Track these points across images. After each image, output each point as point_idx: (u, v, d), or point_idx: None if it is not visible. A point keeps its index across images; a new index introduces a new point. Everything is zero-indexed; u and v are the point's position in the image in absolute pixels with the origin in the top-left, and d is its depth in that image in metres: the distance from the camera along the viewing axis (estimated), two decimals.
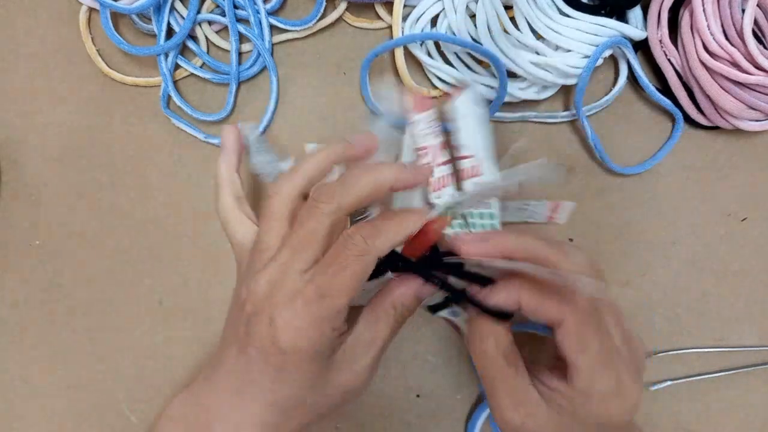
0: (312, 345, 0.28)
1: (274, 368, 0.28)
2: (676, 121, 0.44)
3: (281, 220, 0.30)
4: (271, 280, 0.29)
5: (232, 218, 0.34)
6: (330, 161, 0.32)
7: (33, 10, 0.46)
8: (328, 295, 0.27)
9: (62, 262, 0.45)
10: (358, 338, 0.30)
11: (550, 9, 0.41)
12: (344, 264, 0.27)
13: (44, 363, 0.45)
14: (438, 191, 0.36)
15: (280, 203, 0.31)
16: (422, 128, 0.36)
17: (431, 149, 0.36)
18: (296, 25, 0.44)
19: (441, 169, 0.36)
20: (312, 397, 0.29)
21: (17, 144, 0.46)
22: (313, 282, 0.28)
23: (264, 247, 0.30)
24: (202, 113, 0.44)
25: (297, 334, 0.27)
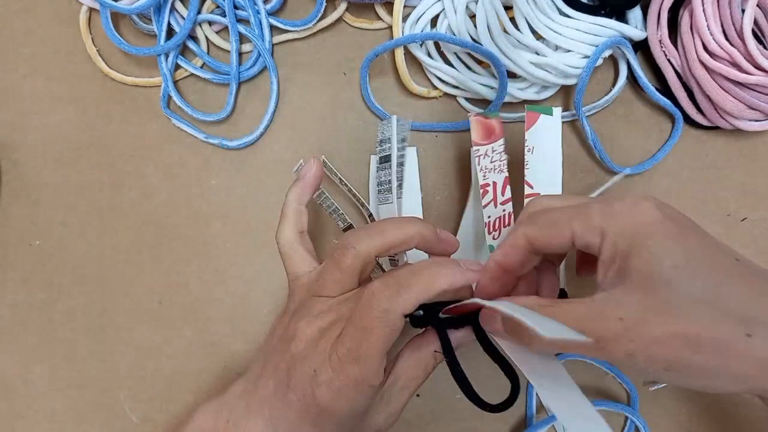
0: (351, 406, 0.28)
1: (312, 418, 0.28)
2: (675, 121, 0.44)
3: (350, 275, 0.30)
4: (323, 328, 0.29)
5: (292, 253, 0.34)
6: (415, 242, 0.31)
7: (33, 10, 0.46)
8: (361, 359, 0.27)
9: (62, 262, 0.45)
10: (396, 382, 0.30)
11: (550, 9, 0.41)
12: (369, 327, 0.27)
13: (44, 363, 0.45)
14: (494, 232, 0.34)
15: (355, 259, 0.30)
16: (486, 162, 0.34)
17: (493, 187, 0.34)
18: (296, 26, 0.44)
19: (501, 209, 0.34)
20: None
21: (17, 144, 0.46)
22: (344, 345, 0.27)
23: (325, 293, 0.30)
24: (202, 113, 0.44)
25: (338, 394, 0.27)
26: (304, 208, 0.35)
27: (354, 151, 0.45)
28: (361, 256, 0.30)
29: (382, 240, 0.30)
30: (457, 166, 0.45)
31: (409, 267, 0.29)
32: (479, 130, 0.35)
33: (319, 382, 0.27)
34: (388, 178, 0.37)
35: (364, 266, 0.30)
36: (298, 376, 0.28)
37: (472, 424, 0.44)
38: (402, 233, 0.30)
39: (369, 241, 0.30)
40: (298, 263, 0.33)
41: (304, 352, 0.29)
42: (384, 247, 0.30)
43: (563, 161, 0.36)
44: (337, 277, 0.30)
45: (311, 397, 0.28)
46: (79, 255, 0.45)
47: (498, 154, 0.35)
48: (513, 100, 0.43)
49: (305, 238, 0.35)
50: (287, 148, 0.45)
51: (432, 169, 0.45)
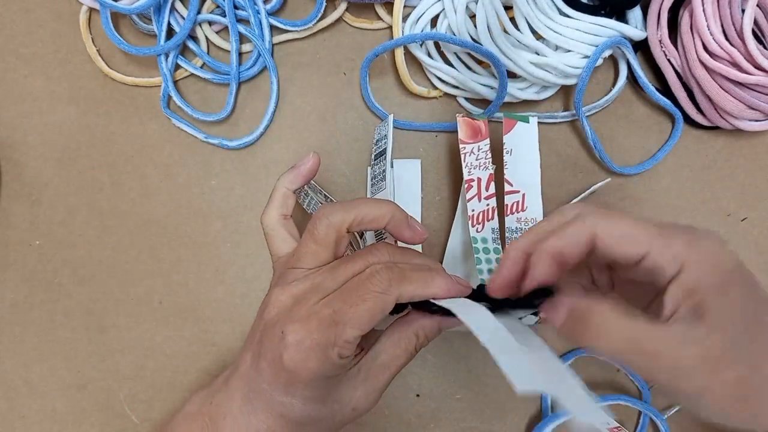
0: (317, 367, 0.28)
1: (283, 384, 0.28)
2: (675, 121, 0.44)
3: (322, 245, 0.31)
4: (297, 294, 0.29)
5: (275, 234, 0.34)
6: (387, 220, 0.31)
7: (33, 10, 0.46)
8: (341, 323, 0.27)
9: (62, 262, 0.45)
10: (376, 359, 0.30)
11: (550, 9, 0.41)
12: (365, 297, 0.28)
13: (44, 363, 0.45)
14: (478, 225, 0.36)
15: (327, 229, 0.31)
16: (471, 160, 0.36)
17: (477, 182, 0.36)
18: (296, 26, 0.44)
19: (485, 203, 0.36)
20: (321, 412, 0.30)
21: (17, 144, 0.46)
22: (330, 306, 0.28)
23: (300, 264, 0.31)
24: (202, 113, 0.44)
25: (304, 354, 0.27)
26: (292, 193, 0.36)
27: (354, 151, 0.45)
28: (334, 226, 0.31)
29: (356, 212, 0.31)
30: (457, 166, 0.45)
31: (413, 264, 0.30)
32: (466, 130, 0.37)
33: (287, 343, 0.28)
34: (382, 169, 0.38)
35: (338, 238, 0.31)
36: (268, 342, 0.29)
37: (472, 423, 0.44)
38: (375, 209, 0.31)
39: (342, 213, 0.31)
40: (279, 244, 0.34)
41: (275, 318, 0.29)
42: (356, 220, 0.31)
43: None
44: (312, 249, 0.31)
45: (279, 361, 0.28)
46: (79, 255, 0.45)
47: (483, 153, 0.36)
48: (513, 100, 0.43)
49: (289, 221, 0.35)
50: (287, 148, 0.45)
51: (432, 169, 0.45)
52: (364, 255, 0.30)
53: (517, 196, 0.36)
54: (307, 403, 0.29)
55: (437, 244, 0.44)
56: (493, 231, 0.36)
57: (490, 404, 0.44)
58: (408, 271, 0.29)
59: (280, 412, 0.29)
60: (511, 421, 0.44)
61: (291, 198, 0.36)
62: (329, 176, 0.45)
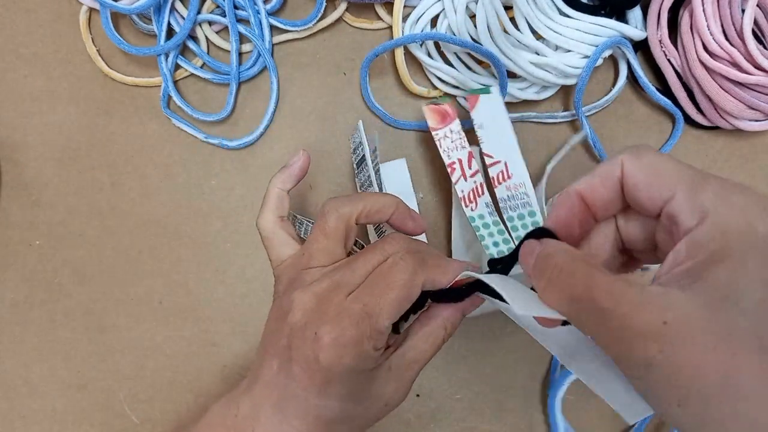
0: (354, 362, 0.28)
1: (318, 385, 0.28)
2: (676, 121, 0.44)
3: (333, 239, 0.31)
4: (320, 294, 0.29)
5: (273, 237, 0.34)
6: (391, 211, 0.32)
7: (33, 10, 0.46)
8: (373, 316, 0.27)
9: (62, 262, 0.45)
10: (405, 355, 0.30)
11: (550, 9, 0.41)
12: (392, 286, 0.28)
13: (44, 363, 0.45)
14: (471, 203, 0.36)
15: (336, 221, 0.31)
16: (447, 144, 0.36)
17: (459, 163, 0.36)
18: (296, 26, 0.44)
19: (472, 181, 0.36)
20: (355, 411, 0.29)
21: (17, 144, 0.46)
22: (360, 301, 0.28)
23: (313, 263, 0.31)
24: (202, 113, 0.44)
25: (341, 351, 0.27)
26: (286, 194, 0.35)
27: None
28: (343, 218, 0.31)
29: (363, 204, 0.31)
30: None
31: (429, 251, 0.30)
32: (433, 117, 0.37)
33: (322, 343, 0.27)
34: (367, 175, 0.38)
35: (348, 230, 0.31)
36: (298, 345, 0.28)
37: (472, 423, 0.44)
38: (381, 201, 0.32)
39: (350, 205, 0.31)
40: (279, 247, 0.33)
41: (302, 320, 0.28)
42: (364, 211, 0.31)
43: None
44: (323, 245, 0.31)
45: (314, 362, 0.27)
46: (79, 255, 0.45)
47: (456, 134, 0.36)
48: (513, 100, 0.43)
49: (286, 223, 0.35)
50: (287, 148, 0.45)
51: (431, 169, 0.45)
52: (380, 246, 0.30)
53: (500, 165, 0.36)
54: (343, 402, 0.29)
55: (439, 244, 0.44)
56: (487, 205, 0.36)
57: (490, 404, 0.44)
58: (428, 258, 0.29)
59: (315, 414, 0.29)
60: (511, 421, 0.44)
61: (285, 199, 0.35)
62: (329, 176, 0.45)
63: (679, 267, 0.21)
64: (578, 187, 0.25)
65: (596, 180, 0.24)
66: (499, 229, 0.36)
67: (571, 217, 0.25)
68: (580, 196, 0.25)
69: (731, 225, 0.20)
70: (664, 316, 0.19)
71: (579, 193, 0.25)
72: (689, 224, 0.21)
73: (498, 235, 0.36)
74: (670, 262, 0.21)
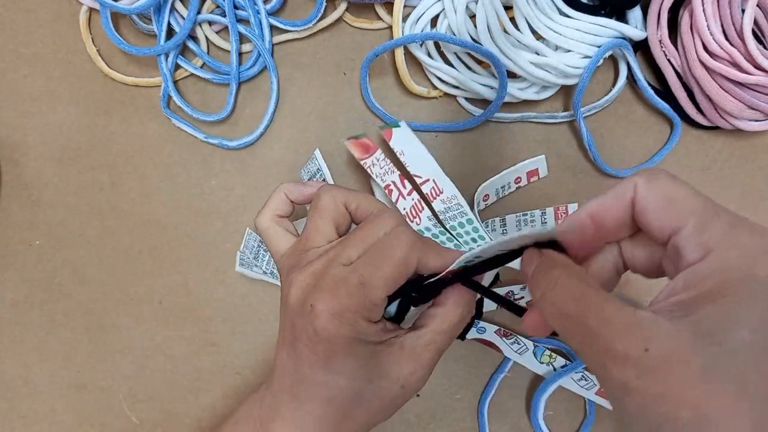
0: (352, 332, 0.28)
1: (323, 359, 0.28)
2: (674, 126, 0.44)
3: (327, 218, 0.31)
4: (317, 271, 0.29)
5: (271, 232, 0.34)
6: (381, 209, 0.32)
7: (33, 10, 0.46)
8: (369, 286, 0.27)
9: (62, 262, 0.45)
10: (421, 338, 0.30)
11: (550, 9, 0.41)
12: (391, 258, 0.28)
13: (44, 363, 0.45)
14: (415, 219, 0.39)
15: (329, 200, 0.31)
16: (377, 170, 0.39)
17: (394, 185, 0.39)
18: (296, 26, 0.44)
19: (411, 198, 0.39)
20: (369, 390, 0.29)
21: (17, 144, 0.46)
22: (357, 271, 0.28)
23: (309, 244, 0.31)
24: (202, 113, 0.44)
25: (338, 320, 0.27)
26: (290, 202, 0.35)
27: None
28: (336, 198, 0.31)
29: (355, 196, 0.32)
30: (456, 165, 0.45)
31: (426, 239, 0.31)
32: (357, 149, 0.40)
33: (317, 312, 0.27)
34: None
35: (339, 214, 0.32)
36: (300, 321, 0.28)
37: (472, 423, 0.44)
38: (373, 203, 0.32)
39: (344, 191, 0.32)
40: (277, 241, 0.34)
41: (301, 297, 0.29)
42: (356, 201, 0.32)
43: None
44: (317, 223, 0.31)
45: (315, 335, 0.28)
46: (79, 255, 0.45)
47: (383, 161, 0.39)
48: (513, 100, 0.43)
49: (285, 220, 0.35)
50: (287, 148, 0.45)
51: None
52: (378, 221, 0.30)
53: (430, 183, 0.39)
54: (351, 379, 0.28)
55: None
56: (429, 219, 0.38)
57: (490, 404, 0.44)
58: (428, 240, 0.30)
59: (326, 396, 0.29)
60: (511, 421, 0.44)
61: (288, 205, 0.35)
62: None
63: (674, 298, 0.21)
64: (590, 207, 0.24)
65: (608, 201, 0.24)
66: (448, 237, 0.38)
67: (581, 235, 0.25)
68: (592, 216, 0.24)
69: (732, 265, 0.20)
70: (647, 344, 0.19)
71: (591, 214, 0.24)
72: (692, 258, 0.21)
73: (448, 243, 0.38)
74: (667, 292, 0.21)
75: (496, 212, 0.45)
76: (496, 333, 0.43)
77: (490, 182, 0.42)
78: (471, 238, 0.38)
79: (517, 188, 0.44)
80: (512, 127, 0.45)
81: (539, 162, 0.44)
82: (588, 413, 0.44)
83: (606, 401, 0.42)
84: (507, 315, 0.44)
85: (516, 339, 0.43)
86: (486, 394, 0.44)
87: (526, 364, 0.43)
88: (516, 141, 0.45)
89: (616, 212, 0.24)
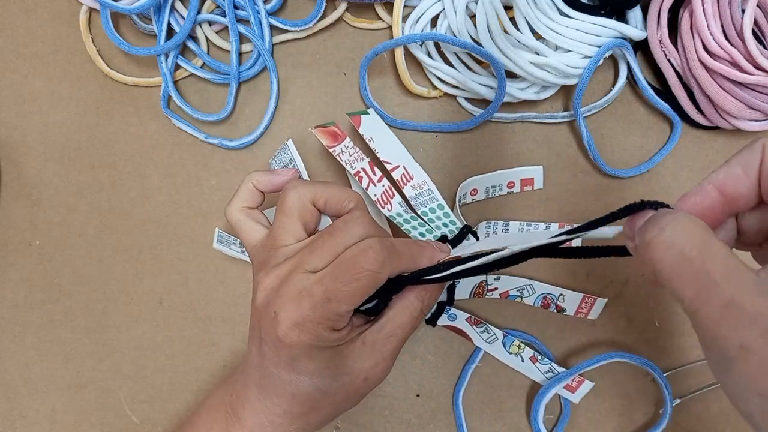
0: (314, 341, 0.28)
1: (286, 361, 0.29)
2: (674, 125, 0.44)
3: (294, 218, 0.32)
4: (281, 276, 0.30)
5: (242, 225, 0.34)
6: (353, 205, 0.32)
7: (33, 10, 0.46)
8: (335, 300, 0.28)
9: (62, 262, 0.45)
10: (382, 330, 0.31)
11: (550, 9, 0.41)
12: (358, 276, 0.28)
13: (44, 363, 0.45)
14: (386, 205, 0.38)
15: (295, 199, 0.32)
16: (347, 157, 0.39)
17: (364, 172, 0.39)
18: (296, 26, 0.44)
19: (381, 185, 0.39)
20: (332, 386, 0.30)
21: (17, 144, 0.46)
22: (323, 285, 0.28)
23: (276, 243, 0.32)
24: (202, 113, 0.44)
25: (300, 330, 0.28)
26: (259, 192, 0.36)
27: None
28: (301, 197, 0.32)
29: (322, 189, 0.32)
30: (456, 165, 0.45)
31: (399, 239, 0.31)
32: (325, 137, 0.39)
33: (280, 319, 0.28)
34: None
35: (305, 211, 0.32)
36: (265, 325, 0.29)
37: (472, 424, 0.44)
38: (344, 191, 0.32)
39: (309, 186, 0.32)
40: (249, 233, 0.34)
41: (266, 301, 0.30)
42: (324, 196, 0.32)
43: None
44: (284, 222, 0.32)
45: (278, 340, 0.28)
46: (79, 255, 0.45)
47: (351, 149, 0.39)
48: (513, 100, 0.43)
49: (255, 212, 0.35)
50: None
51: (432, 169, 0.45)
52: (345, 228, 0.30)
53: (401, 169, 0.39)
54: (314, 378, 0.29)
55: None
56: (401, 204, 0.38)
57: (490, 404, 0.44)
58: (399, 245, 0.30)
59: (291, 392, 0.30)
60: (511, 421, 0.44)
61: (258, 195, 0.35)
62: (329, 176, 0.45)
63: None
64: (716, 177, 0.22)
65: (737, 169, 0.22)
66: (419, 222, 0.38)
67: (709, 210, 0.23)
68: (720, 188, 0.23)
69: None
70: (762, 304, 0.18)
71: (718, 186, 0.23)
72: None
73: (420, 227, 0.38)
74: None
75: (488, 211, 0.45)
76: (467, 321, 0.43)
77: (481, 178, 0.42)
78: (442, 223, 0.38)
79: (508, 193, 0.44)
80: (512, 127, 0.45)
81: (536, 172, 0.44)
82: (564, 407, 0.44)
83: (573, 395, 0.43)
84: (478, 303, 0.44)
85: (486, 328, 0.43)
86: (459, 386, 0.44)
87: (495, 354, 0.43)
88: (516, 141, 0.45)
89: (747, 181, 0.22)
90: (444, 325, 0.43)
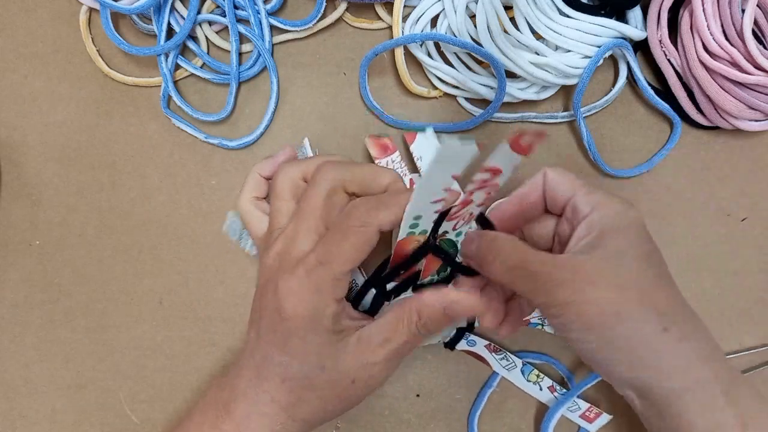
0: (311, 311, 0.29)
1: (281, 339, 0.29)
2: (674, 126, 0.44)
3: (286, 199, 0.33)
4: (279, 252, 0.31)
5: (251, 217, 0.36)
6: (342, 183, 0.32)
7: (33, 10, 0.46)
8: (328, 263, 0.28)
9: (62, 262, 0.45)
10: (378, 331, 0.31)
11: (550, 9, 0.41)
12: (346, 233, 0.29)
13: (44, 363, 0.45)
14: None
15: (285, 180, 0.33)
16: None
17: None
18: (296, 26, 0.44)
19: None
20: (320, 378, 0.30)
21: (17, 144, 0.46)
22: (315, 251, 0.29)
23: (273, 226, 0.32)
24: (202, 113, 0.44)
25: (297, 299, 0.29)
26: (264, 180, 0.37)
27: (354, 152, 0.45)
28: (291, 176, 0.33)
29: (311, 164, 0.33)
30: None
31: (387, 193, 0.32)
32: (375, 148, 0.41)
33: (279, 292, 0.29)
34: None
35: (300, 189, 0.33)
36: (265, 301, 0.30)
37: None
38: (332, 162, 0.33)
39: (298, 165, 0.33)
40: (257, 224, 0.35)
41: (267, 279, 0.30)
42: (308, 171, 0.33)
43: None
44: (277, 206, 0.33)
45: (276, 313, 0.29)
46: (79, 255, 0.45)
47: (397, 164, 0.41)
48: (513, 100, 0.43)
49: (263, 202, 0.36)
50: None
51: None
52: (314, 184, 0.31)
53: None
54: (303, 364, 0.29)
55: None
56: None
57: (490, 404, 0.44)
58: (384, 198, 0.30)
59: (280, 375, 0.30)
60: (511, 421, 0.44)
61: (264, 183, 0.36)
62: None
63: (582, 241, 0.29)
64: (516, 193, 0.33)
65: (528, 188, 0.33)
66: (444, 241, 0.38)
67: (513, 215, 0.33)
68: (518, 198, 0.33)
69: (611, 213, 0.30)
70: (575, 272, 0.28)
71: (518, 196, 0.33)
72: (586, 211, 0.30)
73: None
74: (575, 239, 0.30)
75: None
76: (486, 347, 0.43)
77: None
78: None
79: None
80: (512, 127, 0.45)
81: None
82: None
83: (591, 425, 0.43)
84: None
85: (505, 355, 0.43)
86: (475, 409, 0.44)
87: (514, 381, 0.43)
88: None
89: (534, 193, 0.32)
90: (463, 349, 0.43)
